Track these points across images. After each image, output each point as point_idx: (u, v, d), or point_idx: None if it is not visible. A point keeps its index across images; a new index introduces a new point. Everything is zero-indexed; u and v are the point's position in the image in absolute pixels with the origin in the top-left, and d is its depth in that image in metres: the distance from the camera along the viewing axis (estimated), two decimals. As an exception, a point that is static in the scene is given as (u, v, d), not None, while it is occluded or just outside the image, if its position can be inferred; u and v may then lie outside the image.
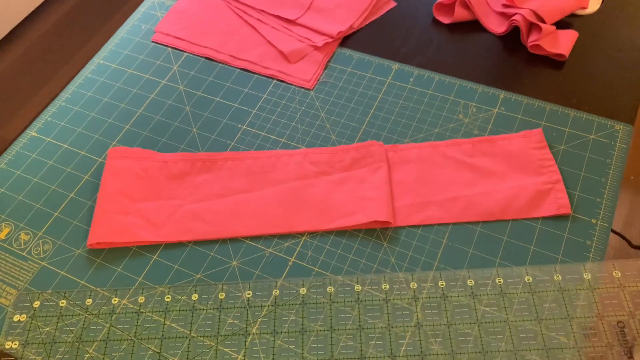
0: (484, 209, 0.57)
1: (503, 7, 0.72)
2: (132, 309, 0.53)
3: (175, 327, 0.52)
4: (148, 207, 0.59)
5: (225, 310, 0.52)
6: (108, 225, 0.57)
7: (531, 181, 0.58)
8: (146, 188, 0.60)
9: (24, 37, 0.78)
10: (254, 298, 0.53)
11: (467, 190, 0.58)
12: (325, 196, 0.59)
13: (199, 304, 0.53)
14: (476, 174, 0.59)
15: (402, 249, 0.55)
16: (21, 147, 0.66)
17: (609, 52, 0.69)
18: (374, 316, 0.51)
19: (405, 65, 0.70)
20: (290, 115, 0.66)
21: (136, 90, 0.70)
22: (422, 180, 0.59)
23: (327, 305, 0.52)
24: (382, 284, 0.53)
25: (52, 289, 0.55)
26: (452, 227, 0.56)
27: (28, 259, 0.57)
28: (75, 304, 0.53)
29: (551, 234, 0.55)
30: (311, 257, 0.56)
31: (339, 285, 0.53)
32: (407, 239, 0.56)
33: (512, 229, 0.56)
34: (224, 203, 0.59)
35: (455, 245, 0.55)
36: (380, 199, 0.57)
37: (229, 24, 0.76)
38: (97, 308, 0.53)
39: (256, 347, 0.51)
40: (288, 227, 0.57)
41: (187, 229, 0.58)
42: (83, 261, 0.57)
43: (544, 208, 0.57)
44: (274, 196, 0.59)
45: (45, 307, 0.53)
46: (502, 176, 0.59)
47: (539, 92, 0.65)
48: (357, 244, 0.56)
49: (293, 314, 0.52)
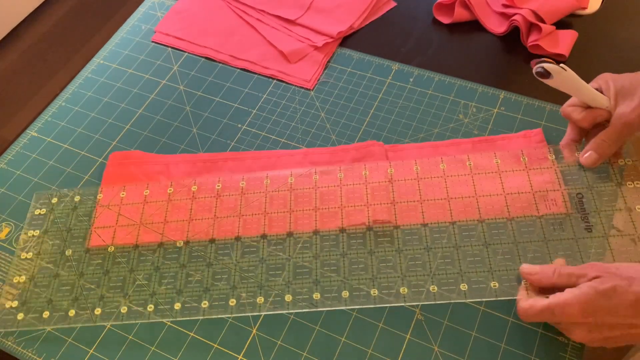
0: (484, 208, 0.57)
1: (503, 7, 0.72)
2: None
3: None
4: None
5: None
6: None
7: (531, 180, 0.58)
8: (142, 183, 0.61)
9: (24, 37, 0.78)
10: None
11: (467, 190, 0.58)
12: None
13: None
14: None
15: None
16: (21, 147, 0.66)
17: (609, 52, 0.69)
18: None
19: (405, 65, 0.70)
20: (290, 115, 0.66)
21: (136, 90, 0.70)
22: (422, 181, 0.59)
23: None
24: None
25: (52, 290, 0.55)
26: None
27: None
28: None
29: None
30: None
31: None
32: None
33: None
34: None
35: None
36: (380, 198, 0.57)
37: (229, 24, 0.76)
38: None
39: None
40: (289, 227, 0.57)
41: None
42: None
43: (544, 207, 0.56)
44: (275, 196, 0.59)
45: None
46: (502, 164, 0.59)
47: (539, 92, 0.65)
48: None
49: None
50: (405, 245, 0.54)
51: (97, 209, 0.59)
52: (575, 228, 0.53)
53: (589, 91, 0.54)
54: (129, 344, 0.52)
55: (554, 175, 0.57)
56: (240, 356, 0.51)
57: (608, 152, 0.55)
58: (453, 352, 0.50)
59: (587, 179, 0.56)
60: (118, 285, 0.54)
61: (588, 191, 0.55)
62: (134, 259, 0.56)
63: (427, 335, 0.51)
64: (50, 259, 0.56)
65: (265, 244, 0.55)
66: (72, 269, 0.55)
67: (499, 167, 0.57)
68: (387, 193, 0.57)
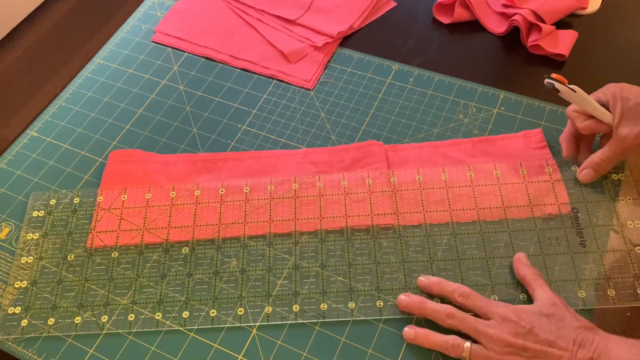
0: (484, 209, 0.57)
1: (503, 7, 0.72)
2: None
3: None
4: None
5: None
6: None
7: (531, 181, 0.58)
8: (144, 184, 0.60)
9: (24, 37, 0.78)
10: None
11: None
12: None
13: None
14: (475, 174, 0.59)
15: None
16: (21, 147, 0.66)
17: (609, 52, 0.69)
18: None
19: (405, 65, 0.70)
20: (290, 116, 0.66)
21: (136, 90, 0.70)
22: (422, 181, 0.59)
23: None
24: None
25: (51, 289, 0.55)
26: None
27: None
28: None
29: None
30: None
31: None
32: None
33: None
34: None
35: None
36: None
37: (229, 24, 0.76)
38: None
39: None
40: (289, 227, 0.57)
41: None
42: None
43: (544, 207, 0.57)
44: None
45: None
46: (501, 176, 0.59)
47: (539, 92, 0.65)
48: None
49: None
50: (409, 256, 0.54)
51: (98, 212, 0.59)
52: (570, 243, 0.54)
53: (595, 108, 0.54)
54: (129, 344, 0.52)
55: (551, 188, 0.57)
56: (240, 356, 0.51)
57: (605, 170, 0.56)
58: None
59: (583, 193, 0.57)
60: (124, 292, 0.54)
61: (583, 205, 0.56)
62: (139, 265, 0.55)
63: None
64: (52, 263, 0.56)
65: (271, 252, 0.55)
66: (75, 274, 0.55)
67: (498, 180, 0.58)
68: (391, 202, 0.58)
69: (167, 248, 0.56)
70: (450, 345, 0.48)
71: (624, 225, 0.54)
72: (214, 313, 0.52)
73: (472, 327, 0.48)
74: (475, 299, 0.49)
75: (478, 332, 0.47)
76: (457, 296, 0.50)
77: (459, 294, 0.50)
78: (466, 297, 0.49)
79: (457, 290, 0.50)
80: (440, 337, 0.49)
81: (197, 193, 0.59)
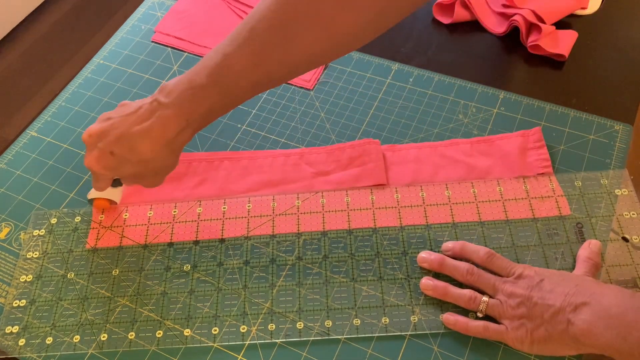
0: (483, 209, 0.57)
1: (503, 7, 0.72)
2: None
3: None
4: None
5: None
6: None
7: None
8: (143, 191, 0.60)
9: (24, 37, 0.78)
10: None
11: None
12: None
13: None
14: (474, 174, 0.59)
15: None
16: (21, 147, 0.66)
17: (609, 52, 0.69)
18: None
19: (405, 65, 0.70)
20: (290, 115, 0.66)
21: (136, 90, 0.70)
22: (421, 181, 0.59)
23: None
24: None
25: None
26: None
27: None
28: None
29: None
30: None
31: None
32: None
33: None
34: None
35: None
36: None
37: (229, 24, 0.76)
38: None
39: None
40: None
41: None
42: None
43: (542, 208, 0.57)
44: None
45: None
46: (499, 176, 0.59)
47: (538, 92, 0.65)
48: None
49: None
50: (414, 272, 0.54)
51: (99, 231, 0.58)
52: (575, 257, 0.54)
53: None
54: (128, 344, 0.52)
55: (555, 204, 0.57)
56: (240, 356, 0.51)
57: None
58: (453, 352, 0.50)
59: (587, 208, 0.56)
60: (125, 310, 0.53)
61: (587, 220, 0.56)
62: (139, 283, 0.55)
63: (427, 335, 0.51)
64: (52, 280, 0.55)
65: (275, 269, 0.55)
66: (75, 293, 0.54)
67: (502, 196, 0.58)
68: (395, 219, 0.57)
69: (169, 265, 0.56)
70: (468, 297, 0.50)
71: (630, 239, 0.54)
72: (216, 331, 0.52)
73: (491, 282, 0.49)
74: (498, 260, 0.51)
75: (495, 288, 0.49)
76: (482, 255, 0.51)
77: (483, 253, 0.51)
78: (490, 258, 0.51)
79: (481, 251, 0.52)
80: (458, 290, 0.50)
81: (200, 210, 0.59)
